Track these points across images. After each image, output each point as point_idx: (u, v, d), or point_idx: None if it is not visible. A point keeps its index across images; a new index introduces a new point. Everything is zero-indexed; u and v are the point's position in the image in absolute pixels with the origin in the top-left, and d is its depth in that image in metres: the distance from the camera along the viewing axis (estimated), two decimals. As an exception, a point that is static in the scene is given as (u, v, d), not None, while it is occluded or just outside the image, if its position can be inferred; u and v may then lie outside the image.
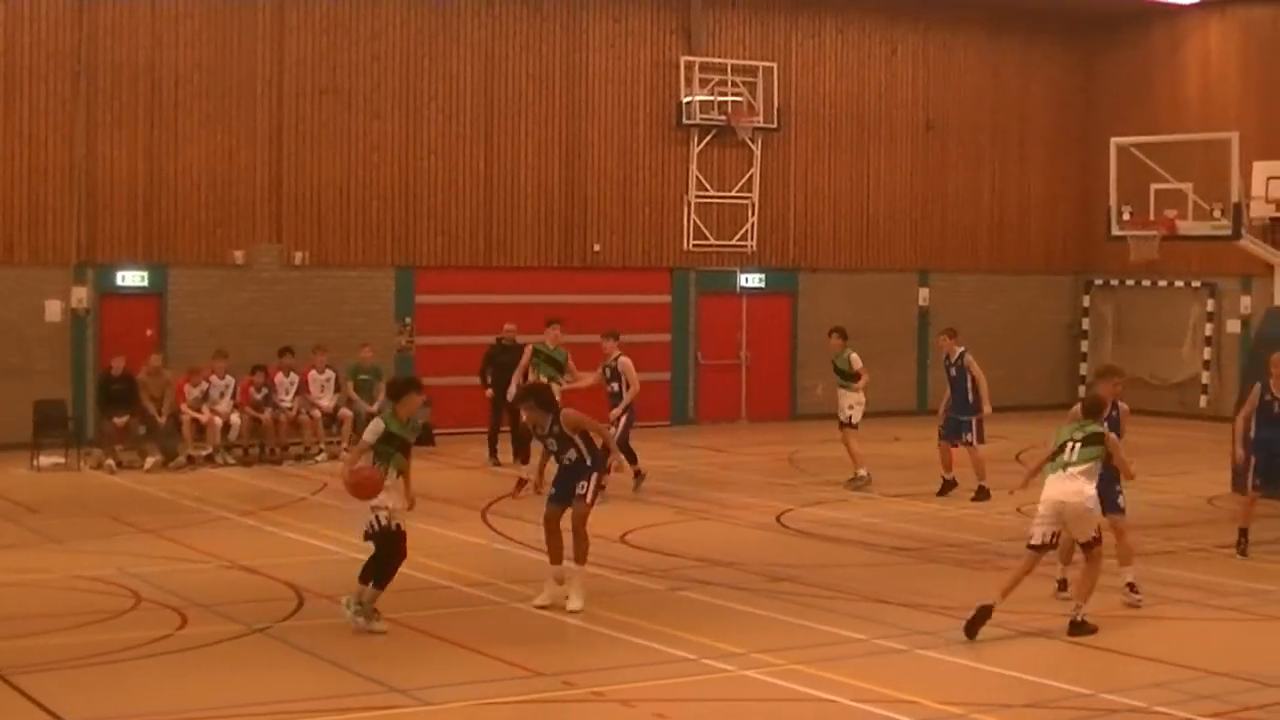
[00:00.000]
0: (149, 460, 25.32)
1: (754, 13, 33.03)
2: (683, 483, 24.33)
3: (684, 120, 32.10)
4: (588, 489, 15.28)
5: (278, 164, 28.79)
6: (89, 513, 21.11)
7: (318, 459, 26.24)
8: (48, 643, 13.90)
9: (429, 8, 29.99)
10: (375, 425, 14.52)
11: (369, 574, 14.35)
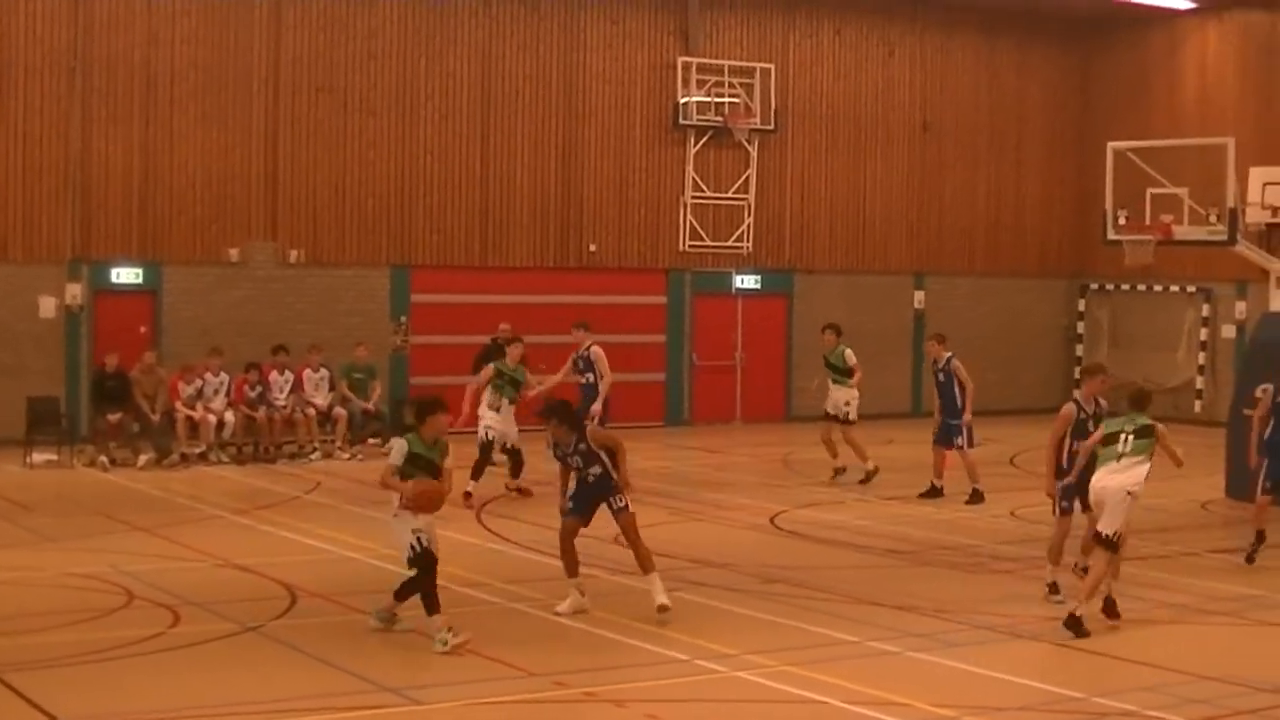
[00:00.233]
0: (142, 458, 25.28)
1: (751, 14, 33.02)
2: (677, 483, 24.31)
3: (680, 121, 32.07)
4: (625, 500, 15.19)
5: (273, 161, 28.76)
6: (82, 510, 21.11)
7: (312, 458, 26.22)
8: (40, 640, 13.88)
9: (426, 7, 29.96)
10: (400, 446, 14.28)
11: (405, 594, 14.15)
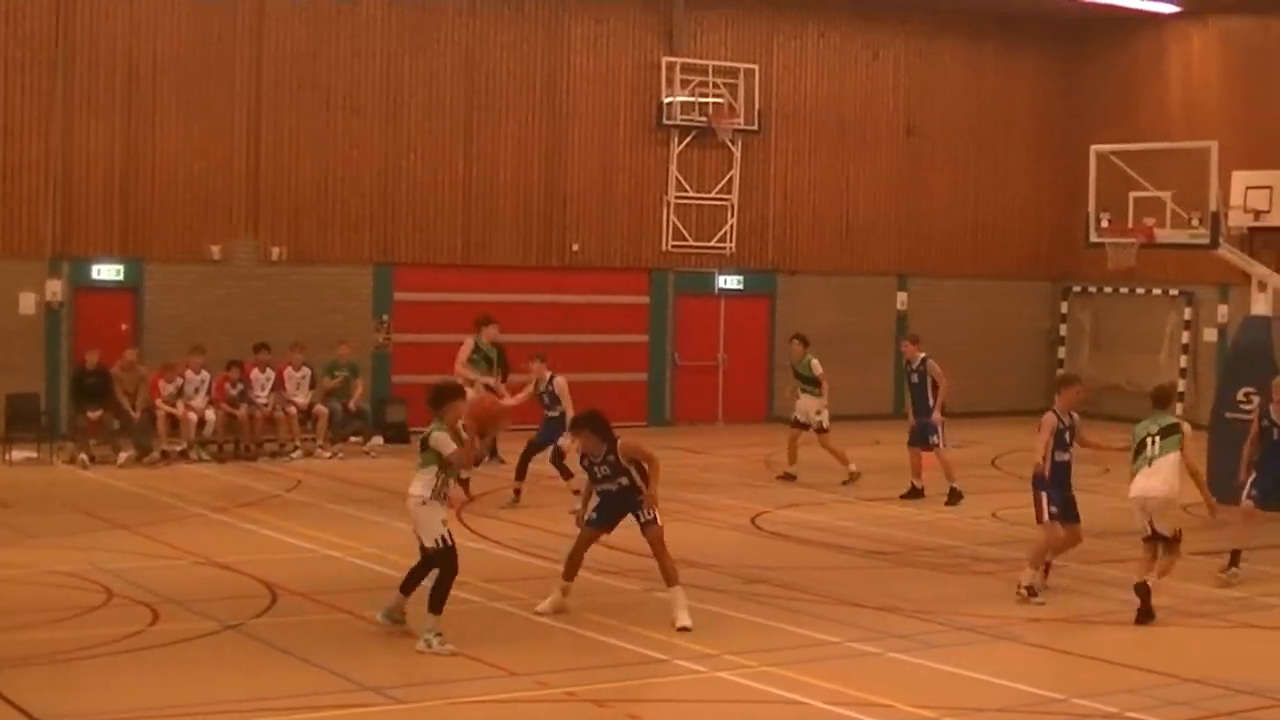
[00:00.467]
0: (122, 455, 25.21)
1: (735, 15, 32.97)
2: (659, 484, 24.19)
3: (664, 121, 32.02)
4: (654, 512, 15.06)
5: (256, 158, 28.66)
6: (62, 508, 21.02)
7: (293, 456, 26.18)
8: (18, 638, 13.82)
9: (411, 5, 29.87)
10: (443, 438, 13.87)
11: (437, 602, 13.72)
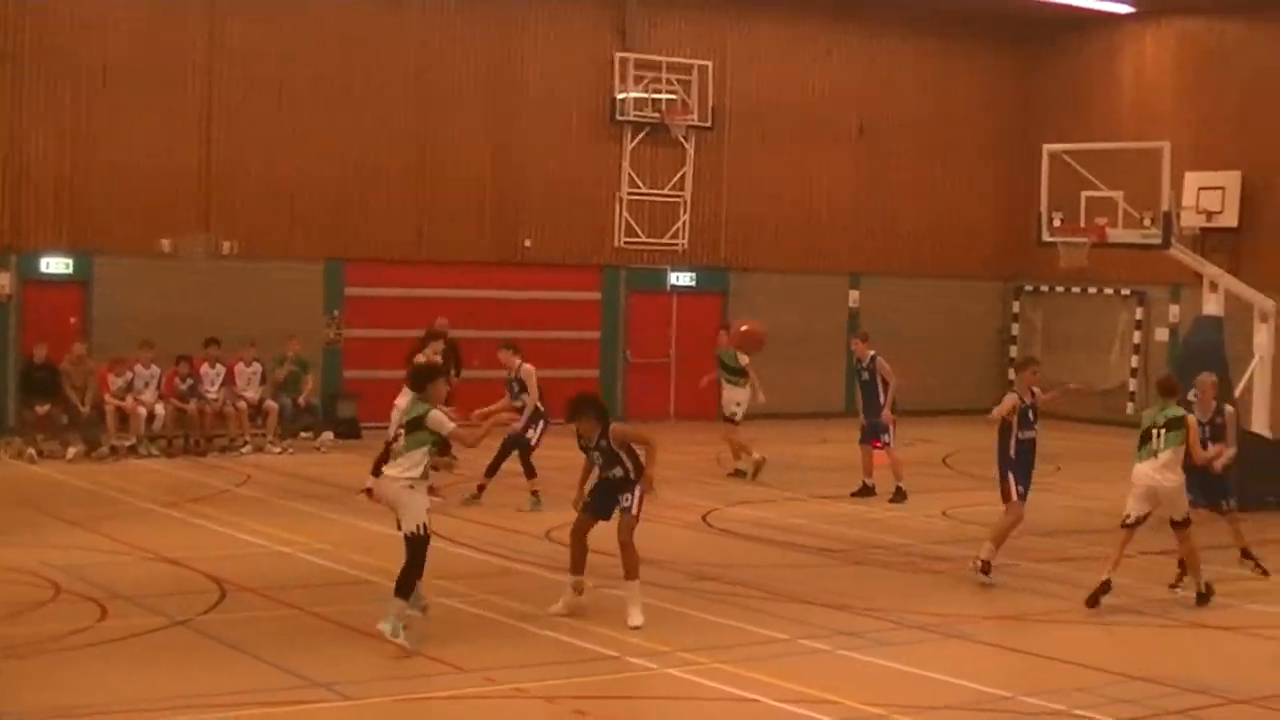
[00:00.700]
0: (71, 450, 25.07)
1: (689, 11, 32.98)
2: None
3: (618, 117, 32.03)
4: (633, 501, 14.98)
5: (207, 152, 28.53)
6: (9, 503, 20.88)
7: (243, 451, 26.10)
8: (-37, 633, 13.73)
9: (364, 0, 29.79)
10: (440, 418, 13.83)
11: (404, 588, 13.68)
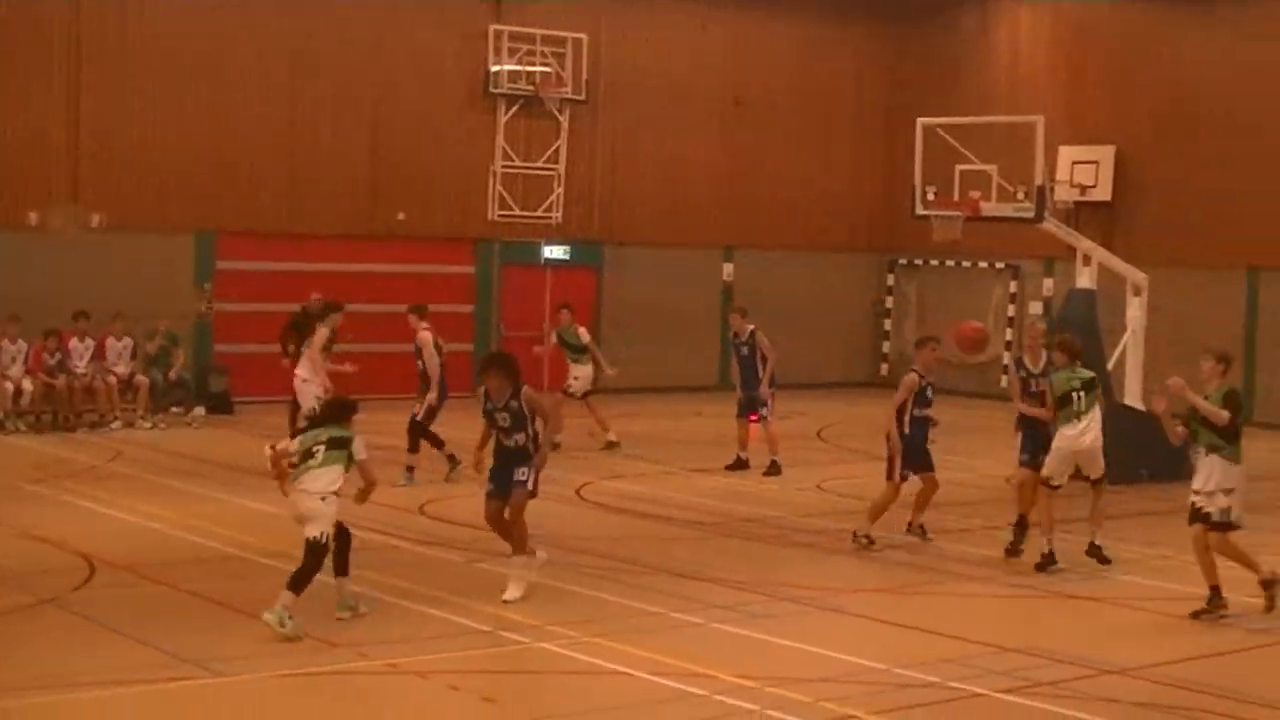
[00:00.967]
0: (-65, 426, 24.70)
1: (564, -16, 32.87)
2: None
3: (491, 89, 31.86)
4: (529, 475, 14.74)
5: (75, 124, 28.05)
6: None
7: (113, 426, 25.76)
8: None
9: (235, -32, 29.48)
10: (362, 444, 13.67)
11: (299, 583, 13.30)
